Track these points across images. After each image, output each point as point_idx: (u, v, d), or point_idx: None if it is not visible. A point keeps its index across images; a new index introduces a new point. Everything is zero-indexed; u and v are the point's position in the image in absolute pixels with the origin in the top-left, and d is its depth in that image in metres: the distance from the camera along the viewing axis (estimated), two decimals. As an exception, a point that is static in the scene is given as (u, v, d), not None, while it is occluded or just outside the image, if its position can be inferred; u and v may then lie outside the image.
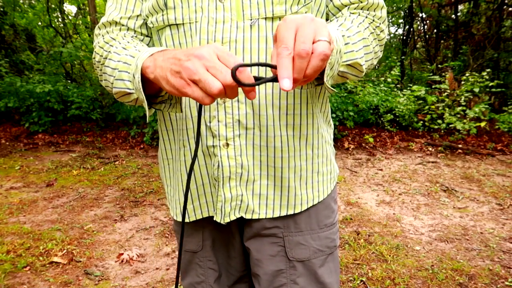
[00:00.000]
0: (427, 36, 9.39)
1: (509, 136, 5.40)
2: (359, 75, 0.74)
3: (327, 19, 0.82)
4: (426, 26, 9.45)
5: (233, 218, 0.81)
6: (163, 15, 0.75)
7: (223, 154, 0.77)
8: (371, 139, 5.37)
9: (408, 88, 6.09)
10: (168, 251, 2.51)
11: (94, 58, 0.81)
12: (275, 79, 0.53)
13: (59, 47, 6.50)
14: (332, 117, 4.36)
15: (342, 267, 2.30)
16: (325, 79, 0.61)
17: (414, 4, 8.25)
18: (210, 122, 0.76)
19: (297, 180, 0.81)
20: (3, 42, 7.13)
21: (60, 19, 8.08)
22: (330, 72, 0.62)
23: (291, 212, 0.82)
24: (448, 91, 5.67)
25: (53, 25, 7.61)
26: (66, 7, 8.37)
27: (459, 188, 3.68)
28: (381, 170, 4.32)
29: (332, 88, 0.64)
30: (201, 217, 0.85)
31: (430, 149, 5.16)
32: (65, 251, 2.48)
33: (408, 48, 9.06)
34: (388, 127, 5.94)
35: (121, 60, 0.72)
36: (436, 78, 5.96)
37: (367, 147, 5.32)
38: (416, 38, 9.67)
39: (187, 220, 0.86)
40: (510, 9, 7.86)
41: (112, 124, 6.29)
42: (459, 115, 5.38)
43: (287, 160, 0.79)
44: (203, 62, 0.52)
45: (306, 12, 0.74)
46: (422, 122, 5.89)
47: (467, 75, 5.72)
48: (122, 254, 2.44)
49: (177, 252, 2.48)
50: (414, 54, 9.66)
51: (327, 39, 0.51)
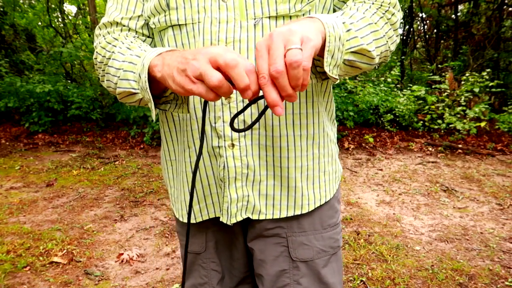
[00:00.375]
0: (427, 36, 9.40)
1: (509, 136, 5.40)
2: (371, 63, 0.70)
3: None
4: (426, 26, 9.45)
5: (239, 219, 0.80)
6: (165, 15, 0.74)
7: (228, 154, 0.76)
8: (371, 139, 5.37)
9: (408, 88, 6.09)
10: (168, 251, 2.51)
11: (96, 58, 0.80)
12: (267, 107, 0.57)
13: (59, 47, 6.49)
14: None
15: (342, 267, 2.30)
16: (325, 68, 0.60)
17: (414, 4, 8.25)
18: (215, 123, 0.75)
19: (303, 180, 0.81)
20: (3, 42, 7.13)
21: (60, 19, 8.06)
22: (332, 60, 0.61)
23: (298, 212, 0.82)
24: (448, 91, 5.67)
25: (53, 25, 7.60)
26: (66, 7, 8.36)
27: (459, 188, 3.68)
28: (381, 170, 4.32)
29: (335, 77, 0.62)
30: (207, 218, 0.85)
31: (430, 149, 5.16)
32: (65, 251, 2.48)
33: (408, 48, 9.05)
34: (388, 127, 5.94)
35: (126, 60, 0.71)
36: (436, 78, 5.96)
37: (367, 147, 5.32)
38: (416, 38, 9.67)
39: (193, 221, 0.86)
40: (510, 9, 7.86)
41: (112, 124, 6.28)
42: (459, 115, 5.39)
43: (293, 160, 0.79)
44: (209, 56, 0.53)
45: (310, 10, 0.73)
46: (422, 122, 5.89)
47: (467, 75, 5.72)
48: (122, 254, 2.44)
49: (177, 252, 2.48)
50: (414, 54, 9.66)
51: (296, 46, 0.50)
